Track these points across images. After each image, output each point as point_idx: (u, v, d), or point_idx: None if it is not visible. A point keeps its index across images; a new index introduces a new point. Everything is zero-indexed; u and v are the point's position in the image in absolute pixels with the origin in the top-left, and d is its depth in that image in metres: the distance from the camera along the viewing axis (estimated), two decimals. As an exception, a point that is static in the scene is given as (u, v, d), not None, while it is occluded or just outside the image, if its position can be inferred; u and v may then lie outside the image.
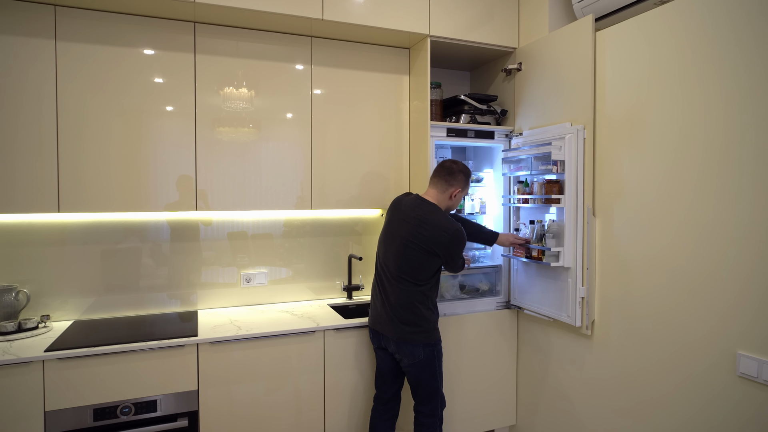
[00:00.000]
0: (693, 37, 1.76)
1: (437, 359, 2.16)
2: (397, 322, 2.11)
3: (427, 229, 2.08)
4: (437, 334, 2.16)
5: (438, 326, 2.18)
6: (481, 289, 2.78)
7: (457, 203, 2.22)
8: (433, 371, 2.15)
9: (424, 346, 2.11)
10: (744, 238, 1.60)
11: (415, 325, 2.10)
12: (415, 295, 2.11)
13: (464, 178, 2.20)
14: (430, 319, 2.14)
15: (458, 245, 2.11)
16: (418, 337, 2.10)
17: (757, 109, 1.56)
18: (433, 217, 2.10)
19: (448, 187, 2.17)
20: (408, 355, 2.11)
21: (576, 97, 2.24)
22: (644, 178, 1.94)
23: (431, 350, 2.13)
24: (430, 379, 2.15)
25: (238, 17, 2.26)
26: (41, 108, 2.07)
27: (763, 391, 1.55)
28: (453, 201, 2.20)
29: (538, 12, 2.56)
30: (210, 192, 2.34)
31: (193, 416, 2.06)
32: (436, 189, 2.19)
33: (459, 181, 2.18)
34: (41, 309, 2.29)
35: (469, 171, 2.24)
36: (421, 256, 2.08)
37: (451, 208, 2.23)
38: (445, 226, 2.08)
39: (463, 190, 2.20)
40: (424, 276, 2.10)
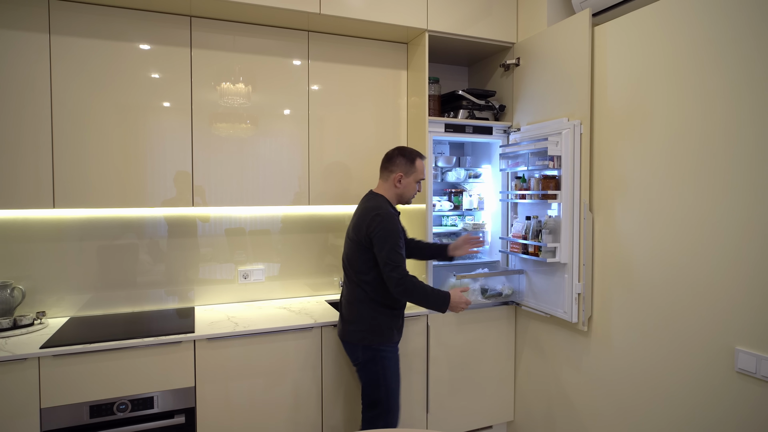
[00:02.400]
0: (692, 31, 1.75)
1: (382, 367, 2.00)
2: (341, 318, 2.09)
3: (356, 216, 2.02)
4: (382, 338, 2.01)
5: (389, 330, 2.03)
6: (504, 294, 2.64)
7: (409, 191, 2.08)
8: (375, 379, 2.01)
9: (363, 349, 2.00)
10: (743, 234, 1.60)
11: (354, 324, 2.02)
12: (356, 291, 2.03)
13: (405, 161, 2.05)
14: (371, 319, 2.00)
15: (379, 228, 1.91)
16: (356, 336, 2.01)
17: (756, 103, 1.55)
18: (365, 204, 2.02)
19: (390, 174, 2.07)
20: (350, 355, 2.06)
21: (573, 92, 2.24)
22: (645, 173, 1.94)
23: (372, 355, 2.00)
24: (371, 387, 2.03)
25: (234, 11, 2.24)
26: (35, 102, 2.05)
27: (761, 387, 1.55)
28: (401, 188, 2.06)
29: (537, 6, 2.55)
30: (207, 188, 2.33)
31: (190, 413, 2.06)
32: (381, 179, 2.11)
33: (399, 165, 2.05)
34: (37, 306, 2.27)
35: (414, 153, 2.08)
36: (354, 246, 2.02)
37: (404, 197, 2.10)
38: (370, 208, 1.97)
39: (407, 174, 2.05)
40: (361, 269, 2.01)
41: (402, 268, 1.93)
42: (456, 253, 2.29)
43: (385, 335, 2.02)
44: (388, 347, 2.04)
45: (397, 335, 2.09)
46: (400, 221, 2.06)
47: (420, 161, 2.09)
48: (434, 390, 2.53)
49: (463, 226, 2.91)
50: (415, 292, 1.93)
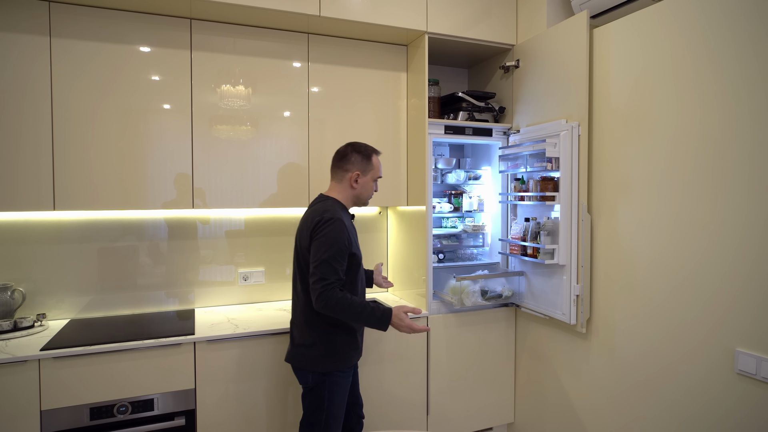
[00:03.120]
0: (692, 33, 1.75)
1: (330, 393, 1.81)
2: (291, 341, 1.89)
3: (301, 222, 1.85)
4: (339, 362, 1.81)
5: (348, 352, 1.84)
6: (504, 295, 2.61)
7: (366, 191, 1.89)
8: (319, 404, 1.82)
9: (313, 374, 1.81)
10: (743, 235, 1.60)
11: (307, 348, 1.81)
12: (307, 310, 1.82)
13: (360, 158, 1.86)
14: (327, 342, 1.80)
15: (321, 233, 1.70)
16: (309, 362, 1.81)
17: (756, 104, 1.56)
18: (311, 207, 1.85)
19: (344, 174, 1.87)
20: (299, 379, 1.87)
21: (572, 93, 2.24)
22: (646, 174, 1.94)
23: (322, 380, 1.81)
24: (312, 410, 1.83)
25: (234, 14, 2.25)
26: (36, 105, 2.06)
27: (761, 388, 1.55)
28: (358, 189, 1.87)
29: (536, 8, 2.55)
30: (207, 190, 2.33)
31: (190, 415, 2.06)
32: (334, 180, 1.91)
33: (354, 162, 1.85)
34: (37, 308, 2.27)
35: (368, 148, 1.89)
36: (300, 258, 1.83)
37: (362, 199, 1.90)
38: (316, 211, 1.77)
39: (364, 172, 1.86)
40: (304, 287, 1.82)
41: (328, 281, 1.68)
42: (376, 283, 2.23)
43: (342, 359, 1.82)
44: (342, 372, 1.83)
45: (356, 356, 1.89)
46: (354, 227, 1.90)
47: (376, 157, 1.91)
48: (434, 392, 2.53)
49: (463, 228, 2.92)
50: (338, 308, 1.68)
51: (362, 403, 2.12)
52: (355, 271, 1.85)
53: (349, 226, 1.83)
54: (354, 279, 1.85)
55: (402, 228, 2.81)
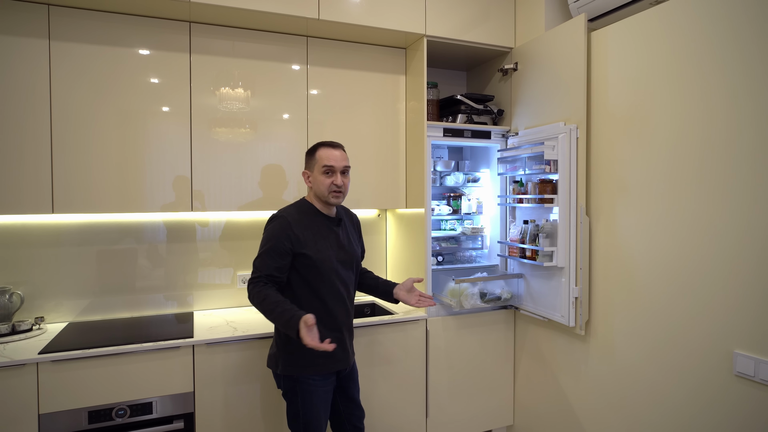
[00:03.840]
0: (689, 35, 1.76)
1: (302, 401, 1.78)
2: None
3: None
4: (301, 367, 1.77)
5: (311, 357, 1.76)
6: (503, 297, 2.60)
7: (318, 185, 1.84)
8: (294, 412, 1.81)
9: (283, 377, 1.81)
10: (741, 238, 1.60)
11: (271, 348, 1.88)
12: None
13: (307, 158, 1.90)
14: (286, 343, 1.78)
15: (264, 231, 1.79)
16: (272, 362, 1.84)
17: (757, 107, 1.56)
18: None
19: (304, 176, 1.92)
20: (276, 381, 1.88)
21: (569, 96, 2.25)
22: (645, 177, 1.95)
23: (291, 385, 1.80)
24: (290, 418, 1.83)
25: (233, 17, 2.25)
26: (34, 108, 2.05)
27: (760, 390, 1.55)
28: (313, 186, 1.87)
29: (535, 11, 2.56)
30: (206, 193, 2.33)
31: (189, 418, 2.05)
32: None
33: (305, 164, 1.91)
34: (35, 311, 2.27)
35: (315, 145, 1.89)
36: None
37: (319, 193, 1.85)
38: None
39: (311, 168, 1.86)
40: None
41: (256, 275, 1.73)
42: (401, 298, 2.02)
43: (309, 365, 1.76)
44: (313, 378, 1.77)
45: (329, 364, 1.80)
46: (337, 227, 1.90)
47: (324, 149, 1.85)
48: (433, 394, 2.52)
49: (461, 231, 2.92)
50: (255, 301, 1.72)
51: (362, 415, 2.01)
52: (313, 272, 1.79)
53: (307, 225, 1.82)
54: (309, 280, 1.80)
55: (401, 230, 2.81)
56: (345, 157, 1.88)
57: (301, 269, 1.79)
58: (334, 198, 1.85)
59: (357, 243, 2.04)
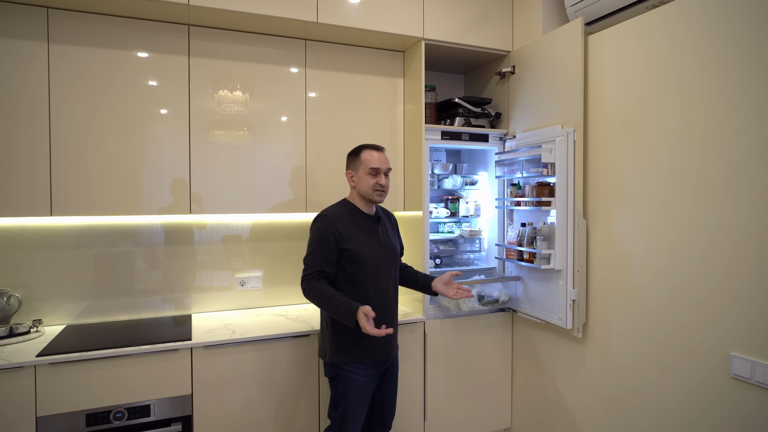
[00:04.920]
0: (686, 39, 1.78)
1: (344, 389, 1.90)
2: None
3: None
4: (343, 356, 1.89)
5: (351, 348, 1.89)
6: (501, 300, 2.61)
7: (362, 185, 1.96)
8: (335, 398, 1.94)
9: (328, 365, 1.96)
10: (738, 240, 1.61)
11: (321, 337, 2.01)
12: None
13: (350, 159, 2.02)
14: (331, 333, 1.93)
15: (311, 231, 1.93)
16: (320, 351, 2.02)
17: (754, 110, 1.57)
18: None
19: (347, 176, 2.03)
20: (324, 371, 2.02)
21: (567, 99, 2.26)
22: (642, 180, 1.96)
23: (335, 372, 1.93)
24: (332, 404, 1.97)
25: (232, 20, 2.26)
26: (33, 110, 2.06)
27: (756, 392, 1.56)
28: (356, 185, 1.99)
29: (532, 15, 2.57)
30: (204, 195, 2.33)
31: (186, 421, 2.05)
32: None
33: (348, 164, 2.03)
34: (33, 313, 2.27)
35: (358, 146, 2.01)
36: None
37: (363, 192, 1.97)
38: None
39: (355, 169, 1.98)
40: None
41: (308, 271, 1.87)
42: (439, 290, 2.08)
43: (350, 354, 1.89)
44: (353, 367, 1.90)
45: (366, 354, 1.91)
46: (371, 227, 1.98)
47: (367, 151, 1.97)
48: (431, 397, 2.53)
49: (459, 233, 2.93)
50: (311, 296, 1.85)
51: (393, 413, 2.09)
52: (356, 267, 1.91)
53: (349, 223, 1.94)
54: (353, 274, 1.91)
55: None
56: (387, 159, 2.02)
57: (345, 264, 1.91)
58: (377, 197, 1.97)
59: (395, 239, 2.13)
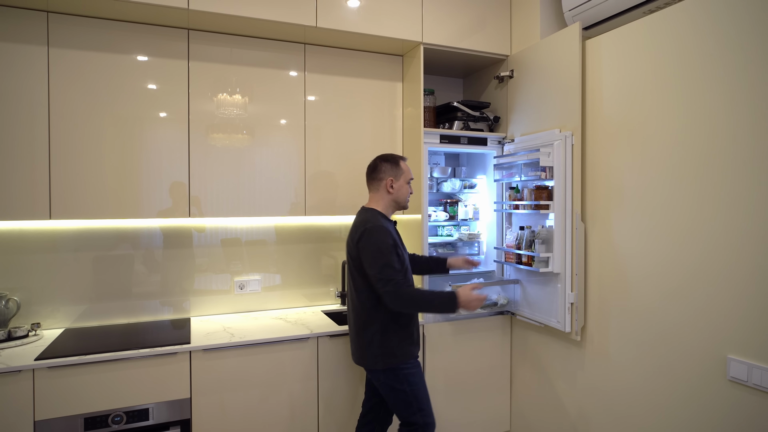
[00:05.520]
0: (684, 44, 1.79)
1: (408, 385, 1.96)
2: (356, 346, 2.01)
3: (349, 237, 1.96)
4: (399, 357, 1.95)
5: (404, 347, 1.97)
6: (500, 303, 2.63)
7: (403, 193, 2.03)
8: (403, 397, 1.96)
9: (384, 372, 1.95)
10: (735, 244, 1.62)
11: (367, 348, 1.96)
12: (362, 313, 1.96)
13: (390, 166, 2.02)
14: (383, 340, 1.94)
15: (367, 243, 1.86)
16: (373, 361, 1.96)
17: (752, 114, 1.58)
18: (358, 218, 1.98)
19: (379, 183, 2.02)
20: (374, 378, 2.00)
21: (565, 103, 2.27)
22: (640, 183, 1.96)
23: (394, 375, 1.95)
24: (401, 405, 1.97)
25: (231, 24, 2.27)
26: (33, 114, 2.06)
27: (753, 395, 1.57)
28: (394, 193, 2.01)
29: (530, 20, 2.59)
30: (203, 198, 2.34)
31: (185, 424, 2.05)
32: (371, 191, 2.07)
33: (385, 170, 2.02)
34: (32, 317, 2.26)
35: (395, 156, 2.06)
36: (353, 269, 1.96)
37: (399, 201, 2.04)
38: (358, 223, 1.93)
39: (396, 177, 2.01)
40: (360, 292, 1.95)
41: (395, 281, 1.84)
42: (454, 266, 2.33)
43: (400, 354, 1.95)
44: (408, 363, 1.98)
45: (414, 349, 2.01)
46: (397, 231, 2.05)
47: (404, 162, 2.06)
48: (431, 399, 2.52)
49: (458, 237, 2.93)
50: (414, 301, 1.88)
51: None
52: (404, 272, 1.96)
53: (393, 231, 1.99)
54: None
55: (398, 236, 2.82)
56: None
57: None
58: (408, 204, 2.09)
59: None
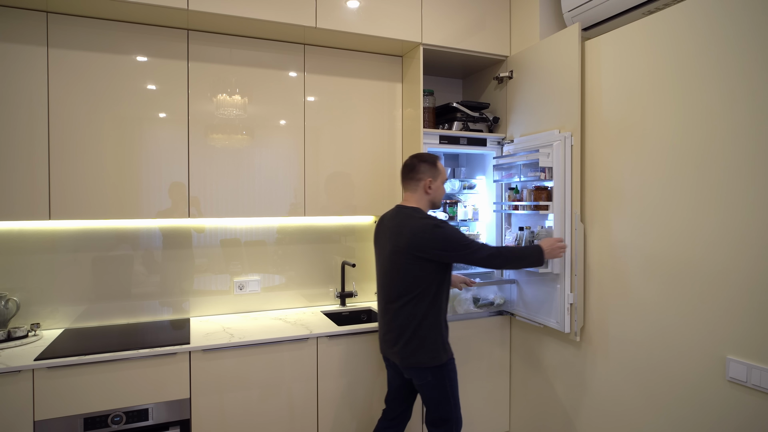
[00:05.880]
0: (683, 44, 1.79)
1: (448, 380, 2.02)
2: (400, 345, 2.00)
3: (407, 236, 1.95)
4: (445, 354, 2.01)
5: (446, 344, 2.03)
6: (496, 303, 2.67)
7: (440, 194, 2.09)
8: (444, 395, 2.01)
9: (431, 369, 1.98)
10: (734, 245, 1.62)
11: (418, 347, 1.97)
12: (414, 312, 1.97)
13: (429, 167, 2.06)
14: (434, 338, 1.99)
15: (446, 231, 1.94)
16: (423, 358, 1.97)
17: (751, 114, 1.59)
18: (410, 222, 1.98)
19: (418, 183, 2.05)
20: (416, 377, 2.01)
21: (564, 104, 2.27)
22: (639, 184, 1.97)
23: (441, 372, 2.00)
24: (440, 402, 2.01)
25: (231, 25, 2.27)
26: (33, 114, 2.06)
27: (752, 395, 1.57)
28: (432, 193, 2.07)
29: (530, 20, 2.59)
30: (203, 199, 2.34)
31: (185, 425, 2.05)
32: (408, 191, 2.09)
33: (424, 171, 2.05)
34: (31, 317, 2.26)
35: (433, 156, 2.10)
36: (411, 266, 1.96)
37: (436, 202, 2.10)
38: (423, 226, 1.94)
39: (435, 177, 2.06)
40: (419, 289, 1.97)
41: (485, 246, 2.00)
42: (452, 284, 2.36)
43: (446, 351, 2.02)
44: (452, 360, 2.05)
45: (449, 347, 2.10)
46: None
47: (440, 163, 2.11)
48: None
49: (457, 237, 2.93)
50: (514, 256, 2.07)
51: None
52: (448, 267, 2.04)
53: None
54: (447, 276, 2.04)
55: (397, 237, 2.82)
56: None
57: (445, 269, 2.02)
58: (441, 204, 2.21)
59: None
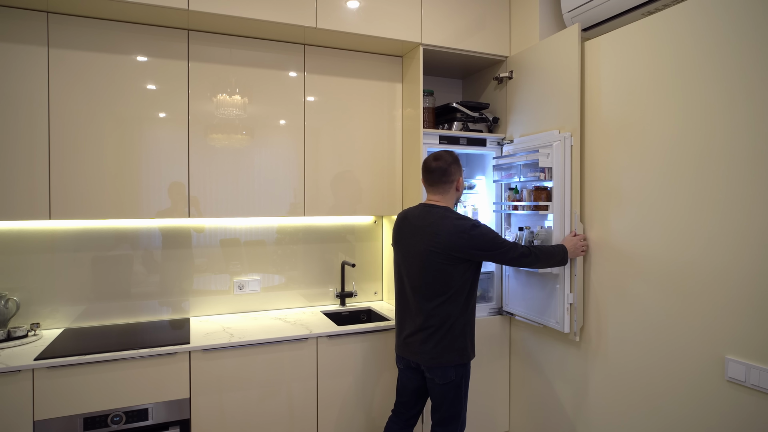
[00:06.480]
0: (682, 45, 1.80)
1: (465, 379, 2.06)
2: (431, 344, 1.98)
3: (444, 236, 1.95)
4: (472, 352, 2.06)
5: (473, 344, 2.08)
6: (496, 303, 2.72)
7: (462, 189, 2.17)
8: (459, 393, 2.05)
9: (456, 367, 2.00)
10: (733, 245, 1.63)
11: (449, 346, 1.99)
12: (450, 311, 1.98)
13: (457, 166, 2.10)
14: (465, 336, 2.02)
15: (483, 231, 1.97)
16: (452, 357, 1.99)
17: (751, 115, 1.59)
18: (446, 222, 1.97)
19: (450, 184, 2.07)
20: (440, 376, 2.00)
21: (564, 104, 2.27)
22: (638, 184, 1.97)
23: (463, 372, 2.03)
24: (455, 400, 2.04)
25: (231, 25, 2.27)
26: (33, 114, 2.06)
27: (751, 395, 1.57)
28: (461, 189, 2.14)
29: (529, 21, 2.60)
30: (202, 199, 2.34)
31: (185, 424, 2.05)
32: (439, 193, 2.07)
33: (455, 171, 2.09)
34: (31, 317, 2.26)
35: (453, 153, 2.12)
36: (447, 266, 1.95)
37: (460, 198, 2.21)
38: (461, 227, 1.95)
39: (461, 173, 2.14)
40: (453, 289, 1.97)
41: (517, 245, 2.03)
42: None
43: (473, 348, 2.08)
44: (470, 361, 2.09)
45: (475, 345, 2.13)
46: None
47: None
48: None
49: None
50: (544, 256, 2.08)
51: None
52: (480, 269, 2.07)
53: None
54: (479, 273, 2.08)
55: (397, 237, 2.82)
56: None
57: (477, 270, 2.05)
58: None
59: None
